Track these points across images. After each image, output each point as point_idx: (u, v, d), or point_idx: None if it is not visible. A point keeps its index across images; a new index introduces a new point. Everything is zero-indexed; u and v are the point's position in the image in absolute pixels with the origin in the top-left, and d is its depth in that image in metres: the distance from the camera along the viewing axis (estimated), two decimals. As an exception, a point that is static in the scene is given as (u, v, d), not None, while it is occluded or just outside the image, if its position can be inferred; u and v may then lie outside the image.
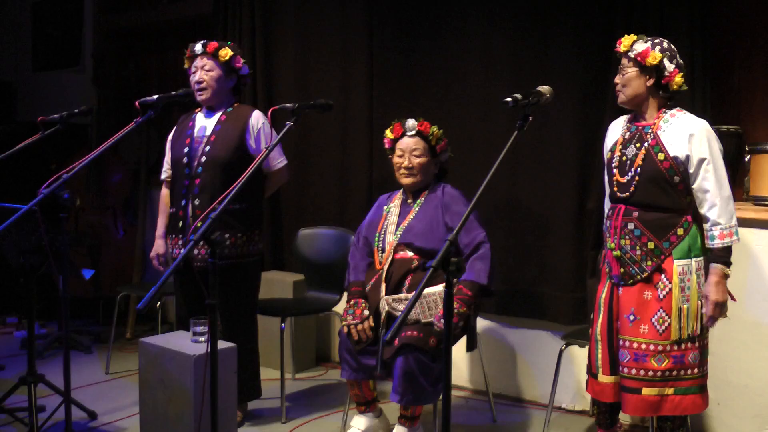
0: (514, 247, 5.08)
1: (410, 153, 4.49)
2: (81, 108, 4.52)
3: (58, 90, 8.46)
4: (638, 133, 3.74)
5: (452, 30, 5.36)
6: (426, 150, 4.50)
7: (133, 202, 7.31)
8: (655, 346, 3.62)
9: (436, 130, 4.50)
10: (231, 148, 4.62)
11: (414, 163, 4.47)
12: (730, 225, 3.57)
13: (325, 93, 5.78)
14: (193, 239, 2.99)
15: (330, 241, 5.50)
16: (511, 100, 3.14)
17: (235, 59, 4.75)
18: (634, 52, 3.68)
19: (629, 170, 3.71)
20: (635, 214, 3.68)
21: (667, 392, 3.63)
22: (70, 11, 8.35)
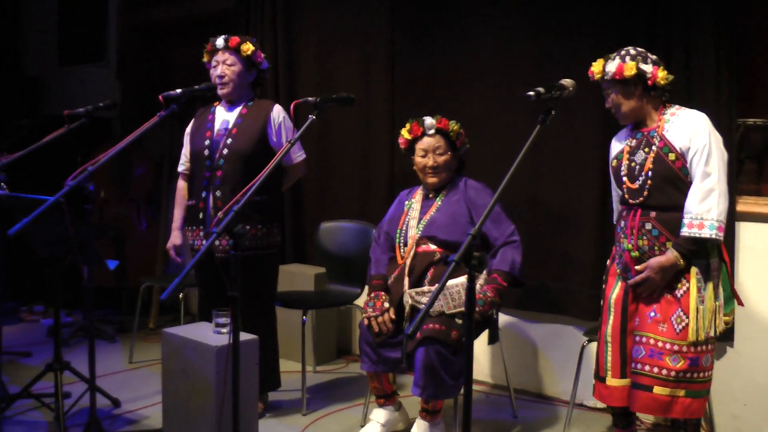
0: (535, 242, 5.05)
1: (433, 152, 4.47)
2: (105, 102, 4.53)
3: (84, 84, 8.49)
4: (644, 139, 3.71)
5: (473, 23, 5.33)
6: (447, 146, 4.49)
7: (155, 194, 7.33)
8: (671, 345, 3.56)
9: (454, 126, 4.48)
10: (252, 141, 4.62)
11: (439, 162, 4.46)
12: (702, 217, 3.50)
13: (346, 87, 5.77)
14: (216, 231, 2.99)
15: (351, 234, 5.49)
16: (534, 93, 3.11)
17: (257, 54, 4.76)
18: (609, 74, 3.67)
19: (639, 175, 3.68)
20: (653, 214, 3.64)
21: (679, 394, 3.55)
22: (95, 7, 8.38)
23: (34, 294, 7.53)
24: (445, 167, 4.47)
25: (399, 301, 4.31)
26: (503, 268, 4.22)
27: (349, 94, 3.94)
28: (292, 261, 6.32)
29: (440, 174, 4.47)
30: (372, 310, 4.32)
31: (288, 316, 5.55)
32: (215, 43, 4.74)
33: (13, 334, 6.60)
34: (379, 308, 4.31)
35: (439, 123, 4.46)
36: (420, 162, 4.50)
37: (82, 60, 8.61)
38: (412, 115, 4.68)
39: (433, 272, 4.27)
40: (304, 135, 3.62)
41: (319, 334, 5.92)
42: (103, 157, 3.74)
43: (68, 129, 4.34)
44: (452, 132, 4.47)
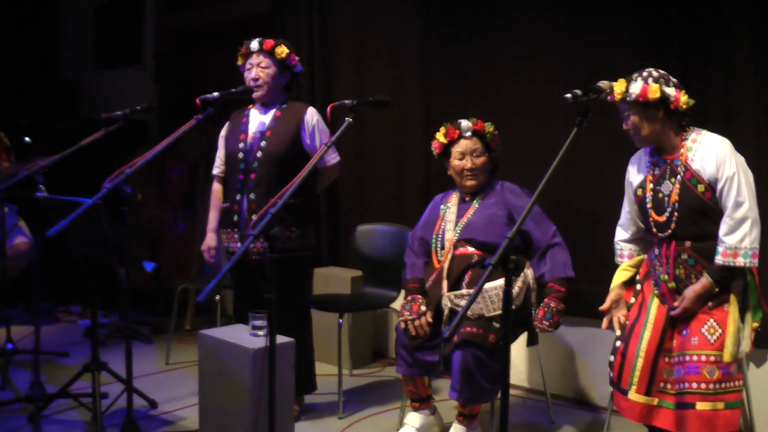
0: (571, 245, 4.98)
1: (471, 154, 4.46)
2: (142, 105, 4.56)
3: (120, 87, 8.56)
4: (668, 167, 3.66)
5: (507, 24, 5.32)
6: (483, 149, 4.48)
7: (192, 196, 7.36)
8: (707, 357, 3.49)
9: (490, 127, 4.47)
10: (286, 144, 4.64)
11: (477, 164, 4.45)
12: (736, 247, 3.46)
13: (380, 89, 5.78)
14: (252, 233, 3.00)
15: (387, 237, 5.48)
16: (571, 95, 3.09)
17: (291, 57, 4.77)
18: (632, 96, 3.57)
19: (667, 207, 3.63)
20: (687, 243, 3.60)
21: (719, 407, 3.47)
22: (132, 11, 8.45)
23: (71, 295, 7.59)
24: (483, 169, 4.46)
25: (437, 304, 4.30)
26: (558, 274, 4.24)
27: (384, 96, 3.95)
28: (327, 264, 6.34)
29: (478, 177, 4.46)
30: (409, 314, 4.31)
31: (324, 319, 5.55)
32: (249, 46, 4.76)
33: (50, 335, 6.66)
34: (416, 311, 4.30)
35: (476, 125, 4.45)
36: (458, 165, 4.48)
37: (118, 63, 8.68)
38: (445, 117, 4.67)
39: (471, 275, 4.25)
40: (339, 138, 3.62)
41: (355, 337, 5.92)
42: (140, 159, 3.77)
43: (105, 132, 4.38)
44: (488, 134, 4.47)
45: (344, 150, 5.67)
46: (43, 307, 7.22)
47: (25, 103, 8.34)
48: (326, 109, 3.86)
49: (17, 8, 8.91)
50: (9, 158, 6.44)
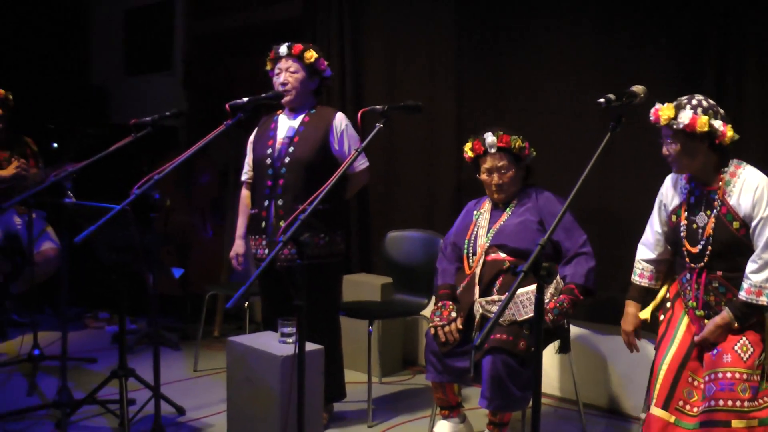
0: (605, 253, 4.97)
1: (497, 171, 4.44)
2: (172, 111, 4.59)
3: (150, 93, 8.61)
4: (704, 198, 3.64)
5: (541, 29, 5.29)
6: (511, 162, 4.44)
7: (221, 202, 7.39)
8: (740, 374, 3.46)
9: (517, 141, 4.43)
10: (314, 149, 4.64)
11: (504, 180, 4.43)
12: (761, 286, 3.45)
13: (412, 94, 5.78)
14: (282, 240, 3.00)
15: (418, 244, 5.47)
16: (604, 100, 3.07)
17: (320, 61, 4.77)
18: (681, 124, 3.52)
19: (701, 240, 3.61)
20: (719, 272, 3.58)
21: (753, 424, 3.44)
22: (162, 17, 8.50)
23: (99, 301, 7.64)
24: (511, 183, 4.44)
25: (468, 310, 4.29)
26: (579, 281, 4.20)
27: (416, 102, 3.94)
28: (358, 271, 6.34)
29: (507, 191, 4.45)
30: (439, 320, 4.30)
31: (354, 326, 5.55)
32: (278, 51, 4.77)
33: (78, 340, 6.71)
34: (446, 317, 4.29)
35: (501, 141, 4.41)
36: (485, 180, 4.48)
37: (148, 69, 8.74)
38: (478, 122, 4.65)
39: (502, 281, 4.24)
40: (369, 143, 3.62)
41: (385, 345, 5.91)
42: (168, 165, 3.79)
43: (134, 138, 4.41)
44: (515, 148, 4.43)
45: (374, 155, 5.67)
46: (70, 312, 7.29)
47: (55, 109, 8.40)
48: (357, 115, 3.86)
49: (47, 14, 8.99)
50: (37, 164, 6.51)
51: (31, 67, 8.63)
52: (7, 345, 6.48)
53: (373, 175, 5.30)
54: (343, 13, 6.38)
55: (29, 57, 8.74)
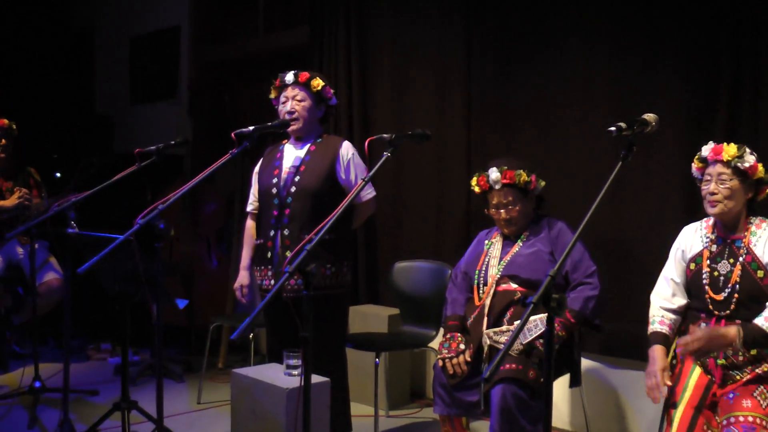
0: (617, 284, 4.97)
1: (504, 207, 4.45)
2: (177, 139, 4.60)
3: (155, 121, 8.65)
4: (727, 247, 3.68)
5: (551, 57, 5.31)
6: (518, 196, 4.45)
7: (227, 232, 7.40)
8: (761, 420, 3.46)
9: (522, 176, 4.43)
10: (321, 178, 4.63)
11: (512, 215, 4.44)
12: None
13: (421, 122, 5.77)
14: (288, 271, 3.00)
15: (426, 274, 5.47)
16: (615, 129, 3.08)
17: (326, 89, 4.77)
18: (745, 164, 3.60)
19: (725, 287, 3.63)
20: (738, 322, 3.58)
21: None
22: (167, 45, 8.56)
23: (101, 332, 7.63)
24: (520, 217, 4.45)
25: (478, 342, 4.28)
26: (574, 306, 4.19)
27: (424, 130, 3.94)
28: (365, 301, 6.33)
29: (516, 224, 4.46)
30: (447, 351, 4.29)
31: (361, 358, 5.54)
32: (284, 79, 4.76)
33: (80, 372, 6.70)
34: (455, 349, 4.28)
35: (504, 178, 4.42)
36: (494, 214, 4.50)
37: (153, 97, 8.78)
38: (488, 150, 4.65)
39: (513, 312, 4.23)
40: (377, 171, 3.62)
41: (392, 377, 5.89)
42: (173, 195, 3.79)
43: (139, 167, 4.42)
44: (519, 183, 4.44)
45: (382, 184, 5.68)
46: (73, 344, 7.27)
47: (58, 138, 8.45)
48: (364, 143, 3.87)
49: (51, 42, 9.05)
50: (40, 194, 6.54)
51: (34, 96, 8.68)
52: (8, 377, 6.48)
53: (381, 204, 5.31)
54: (351, 40, 6.42)
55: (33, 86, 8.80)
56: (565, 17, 5.25)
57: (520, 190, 4.45)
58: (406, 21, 6.17)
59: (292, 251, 4.35)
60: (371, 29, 6.38)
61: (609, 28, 5.05)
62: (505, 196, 4.43)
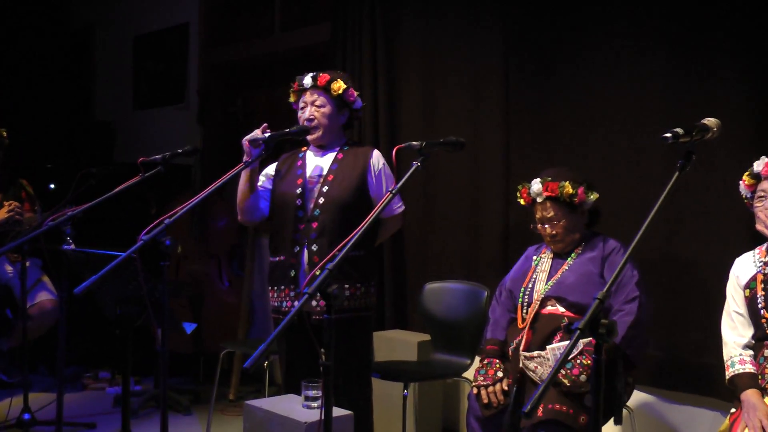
0: (672, 308, 4.93)
1: (548, 222, 4.44)
2: (185, 148, 4.59)
3: (160, 129, 8.69)
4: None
5: (597, 58, 5.28)
6: (564, 211, 4.43)
7: (239, 250, 7.41)
8: None
9: (566, 188, 4.41)
10: (351, 189, 4.62)
11: (557, 230, 4.42)
12: None
13: (454, 129, 5.76)
14: (307, 292, 2.97)
15: (460, 296, 5.46)
16: (671, 135, 3.05)
17: (348, 93, 4.74)
18: None
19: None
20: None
21: None
22: (174, 44, 8.60)
23: (99, 359, 7.65)
24: (567, 233, 4.43)
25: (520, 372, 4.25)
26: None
27: (458, 138, 3.91)
28: (392, 327, 6.31)
29: (563, 240, 4.45)
30: (483, 379, 4.27)
31: (387, 389, 5.52)
32: (302, 82, 4.74)
33: (75, 403, 6.72)
34: (491, 377, 4.26)
35: (546, 190, 4.41)
36: (540, 230, 4.49)
37: (159, 102, 8.82)
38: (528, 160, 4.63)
39: (560, 339, 4.20)
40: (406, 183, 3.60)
41: (422, 411, 5.86)
42: (181, 208, 3.80)
43: (143, 178, 4.42)
44: (563, 197, 4.42)
45: (411, 197, 5.66)
46: (67, 372, 7.29)
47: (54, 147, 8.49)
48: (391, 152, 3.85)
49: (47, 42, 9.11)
50: (33, 208, 6.56)
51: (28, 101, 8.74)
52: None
53: (409, 219, 5.29)
54: (376, 37, 6.42)
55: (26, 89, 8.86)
56: (613, 16, 5.23)
57: (566, 204, 4.42)
58: (437, 17, 6.16)
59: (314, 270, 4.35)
60: (399, 26, 6.38)
61: (663, 28, 5.01)
62: (548, 210, 4.42)
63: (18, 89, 8.73)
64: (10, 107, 7.98)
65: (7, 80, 8.67)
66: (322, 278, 3.00)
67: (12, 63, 8.84)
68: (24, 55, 8.98)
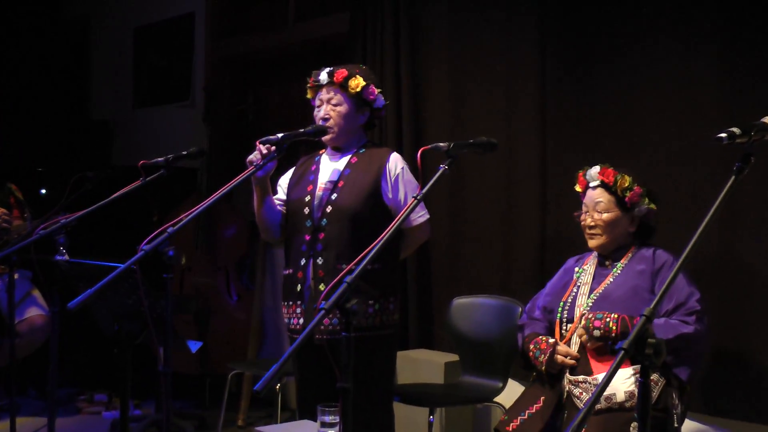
0: (731, 325, 4.89)
1: (593, 208, 4.42)
2: (190, 149, 4.59)
3: (163, 129, 8.71)
4: None
5: (643, 52, 5.27)
6: (613, 203, 4.41)
7: (249, 261, 7.42)
8: None
9: (623, 179, 4.40)
10: (362, 197, 4.60)
11: (599, 222, 4.39)
12: None
13: (485, 129, 5.71)
14: (323, 307, 2.97)
15: (491, 313, 5.44)
16: (727, 135, 3.02)
17: (368, 90, 4.70)
18: None
19: None
20: None
21: None
22: (178, 36, 8.61)
23: (95, 380, 7.67)
24: (607, 228, 4.40)
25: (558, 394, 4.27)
26: (664, 331, 4.03)
27: (489, 138, 3.90)
28: (416, 346, 6.30)
29: (600, 236, 4.41)
30: (542, 356, 4.28)
31: (411, 414, 5.51)
32: (318, 78, 4.73)
33: (68, 429, 6.73)
34: (546, 349, 4.29)
35: (602, 174, 4.41)
36: (581, 219, 4.47)
37: (161, 100, 8.85)
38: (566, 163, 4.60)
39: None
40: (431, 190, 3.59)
41: (449, 439, 5.87)
42: (186, 216, 3.80)
43: (144, 182, 4.43)
44: (617, 188, 4.39)
45: (438, 203, 5.66)
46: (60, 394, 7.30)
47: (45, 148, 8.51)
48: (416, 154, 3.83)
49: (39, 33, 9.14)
50: (22, 215, 6.57)
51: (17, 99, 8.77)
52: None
53: (435, 228, 5.27)
54: (400, 28, 6.42)
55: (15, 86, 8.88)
56: (659, 10, 5.22)
57: (616, 197, 4.41)
58: (468, 6, 6.16)
59: (327, 284, 4.33)
60: (425, 15, 6.38)
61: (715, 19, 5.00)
62: (597, 196, 4.40)
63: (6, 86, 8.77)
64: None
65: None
66: (339, 292, 2.99)
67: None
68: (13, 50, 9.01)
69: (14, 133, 7.34)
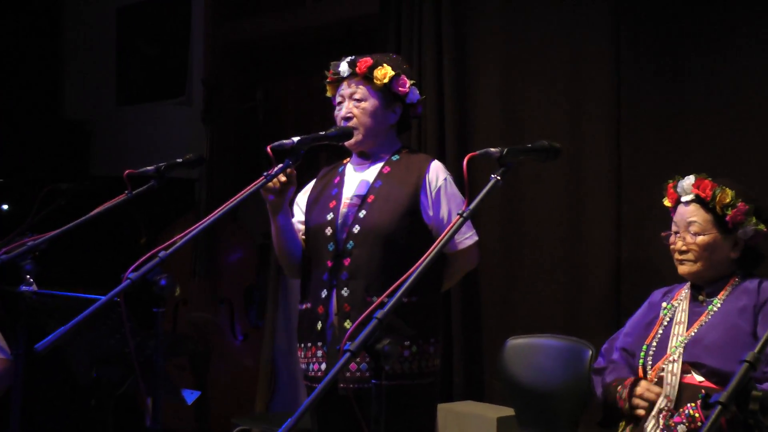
0: None
1: (685, 229, 4.38)
2: (186, 156, 4.60)
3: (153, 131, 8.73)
4: None
5: (741, 43, 5.26)
6: (710, 223, 4.36)
7: (258, 292, 7.42)
8: None
9: (724, 193, 4.34)
10: (397, 214, 4.58)
11: (690, 244, 4.35)
12: None
13: (546, 132, 5.73)
14: (349, 349, 2.96)
15: (554, 356, 5.42)
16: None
17: (399, 81, 4.66)
18: None
19: None
20: None
21: None
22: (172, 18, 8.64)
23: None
24: (705, 255, 4.35)
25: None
26: None
27: (551, 142, 3.89)
28: (462, 398, 6.30)
29: (693, 262, 4.36)
30: (622, 389, 4.28)
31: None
32: (337, 70, 4.71)
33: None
34: (627, 385, 4.26)
35: (697, 186, 4.34)
36: (671, 242, 4.41)
37: (151, 96, 8.88)
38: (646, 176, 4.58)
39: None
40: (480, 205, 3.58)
41: None
42: (180, 237, 3.80)
43: (130, 196, 4.43)
44: (716, 204, 4.34)
45: (488, 222, 5.65)
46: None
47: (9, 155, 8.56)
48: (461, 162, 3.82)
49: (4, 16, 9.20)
50: (-21, 236, 6.61)
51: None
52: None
53: (485, 254, 5.27)
54: (442, 9, 6.41)
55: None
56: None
57: (715, 216, 4.35)
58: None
59: (354, 321, 4.30)
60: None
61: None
62: (691, 214, 4.34)
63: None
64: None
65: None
66: (368, 331, 2.98)
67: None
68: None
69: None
